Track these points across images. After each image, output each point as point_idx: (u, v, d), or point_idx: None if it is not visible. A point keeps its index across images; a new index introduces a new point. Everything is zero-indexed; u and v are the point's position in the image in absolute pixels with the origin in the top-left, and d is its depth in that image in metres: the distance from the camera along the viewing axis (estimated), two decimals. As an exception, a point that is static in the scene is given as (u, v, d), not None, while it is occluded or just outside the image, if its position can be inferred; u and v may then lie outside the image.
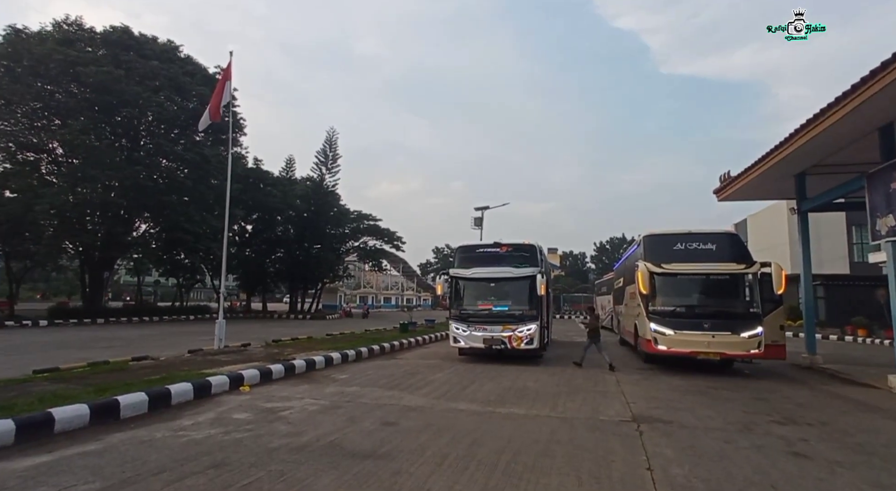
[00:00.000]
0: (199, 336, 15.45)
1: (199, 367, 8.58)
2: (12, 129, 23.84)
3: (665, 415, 6.23)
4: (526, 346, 10.35)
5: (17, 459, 4.17)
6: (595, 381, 8.83)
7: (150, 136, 27.77)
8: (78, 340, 15.05)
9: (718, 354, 9.24)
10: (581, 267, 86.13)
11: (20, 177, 23.56)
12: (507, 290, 10.97)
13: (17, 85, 22.56)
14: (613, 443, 4.94)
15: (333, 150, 37.96)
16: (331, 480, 3.80)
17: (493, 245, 11.55)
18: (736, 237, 10.55)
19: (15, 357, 10.63)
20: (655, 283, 9.98)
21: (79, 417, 5.17)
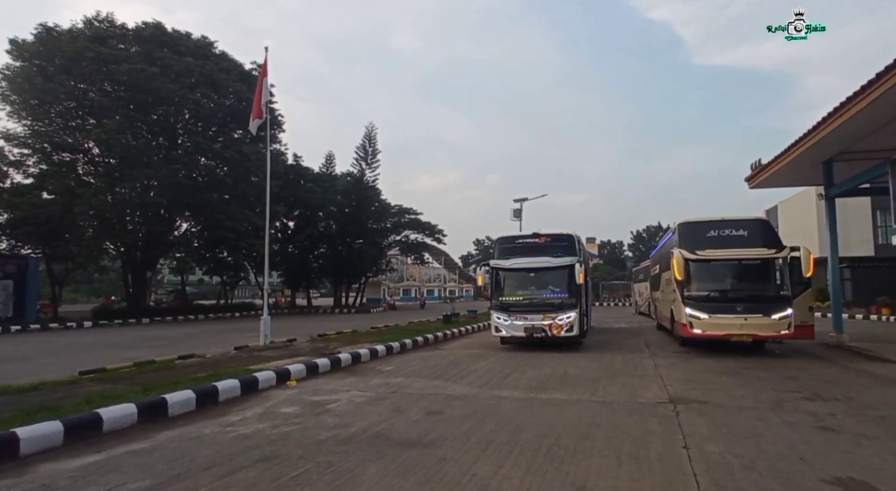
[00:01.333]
0: (244, 333, 16.09)
1: (246, 363, 8.83)
2: (47, 130, 25.38)
3: (700, 396, 6.61)
4: (566, 333, 10.98)
5: (66, 460, 4.32)
6: (634, 365, 9.40)
7: (188, 134, 29.10)
8: (123, 341, 16.03)
9: (751, 336, 10.08)
10: (619, 255, 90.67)
11: (57, 178, 25.08)
12: (546, 279, 11.73)
13: (50, 84, 24.02)
14: (651, 424, 5.22)
15: (373, 145, 39.03)
16: (378, 469, 3.92)
17: (532, 236, 12.23)
18: (766, 223, 11.50)
19: (61, 359, 11.39)
20: (690, 269, 10.89)
21: (127, 417, 5.34)
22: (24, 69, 24.43)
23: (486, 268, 12.69)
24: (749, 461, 4.01)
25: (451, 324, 17.90)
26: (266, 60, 13.12)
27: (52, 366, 9.81)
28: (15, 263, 24.27)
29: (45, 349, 13.91)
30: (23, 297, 23.79)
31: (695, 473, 3.76)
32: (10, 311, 22.96)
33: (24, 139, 25.33)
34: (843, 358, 10.23)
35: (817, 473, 3.73)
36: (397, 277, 70.57)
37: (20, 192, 25.02)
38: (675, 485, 3.55)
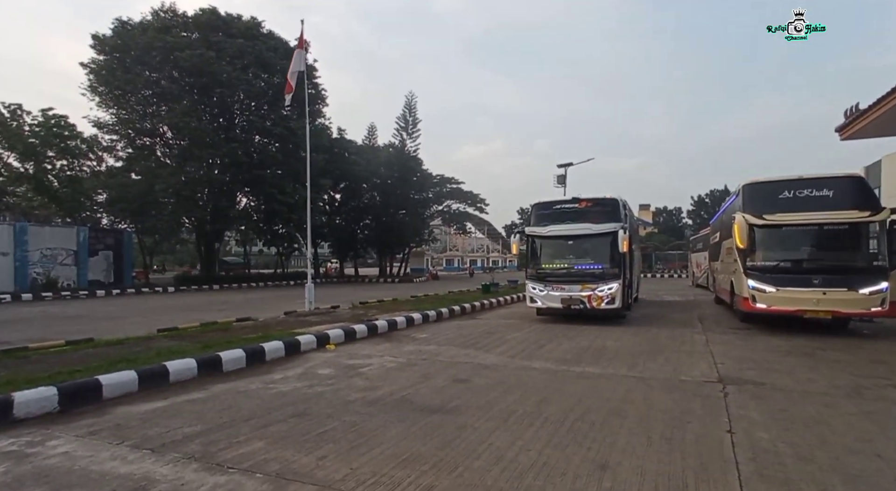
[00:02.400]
0: (295, 299, 16.82)
1: (291, 327, 9.34)
2: (130, 117, 27.09)
3: (757, 377, 5.81)
4: (607, 305, 10.06)
5: (139, 404, 4.86)
6: (682, 340, 8.49)
7: (243, 113, 29.99)
8: (196, 303, 17.25)
9: (830, 313, 8.52)
10: (676, 223, 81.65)
11: (141, 160, 27.01)
12: (586, 247, 10.68)
13: (129, 75, 25.41)
14: (693, 404, 4.73)
15: (413, 115, 38.39)
16: (398, 432, 4.01)
17: (572, 201, 11.06)
18: (860, 180, 9.27)
19: (147, 318, 12.43)
20: (755, 235, 9.32)
21: (189, 370, 5.87)
22: (106, 62, 25.85)
23: (520, 235, 11.68)
24: (807, 452, 3.47)
25: (490, 294, 17.24)
26: (302, 33, 13.18)
27: (138, 324, 10.73)
28: (113, 236, 26.52)
29: (136, 310, 15.22)
30: (121, 265, 26.06)
31: (737, 460, 3.34)
32: (111, 277, 25.30)
33: (113, 126, 27.20)
34: (950, 342, 8.55)
35: (895, 472, 3.14)
36: (440, 247, 70.75)
37: (113, 174, 27.21)
38: (711, 471, 3.18)
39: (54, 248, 22.72)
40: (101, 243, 25.23)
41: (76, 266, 23.50)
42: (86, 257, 23.97)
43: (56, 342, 7.64)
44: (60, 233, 23.68)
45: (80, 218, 28.18)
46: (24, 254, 21.32)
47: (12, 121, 25.53)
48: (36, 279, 21.54)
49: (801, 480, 3.07)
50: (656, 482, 3.06)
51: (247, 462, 3.39)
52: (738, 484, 3.03)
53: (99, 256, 24.87)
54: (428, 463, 3.36)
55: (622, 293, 10.19)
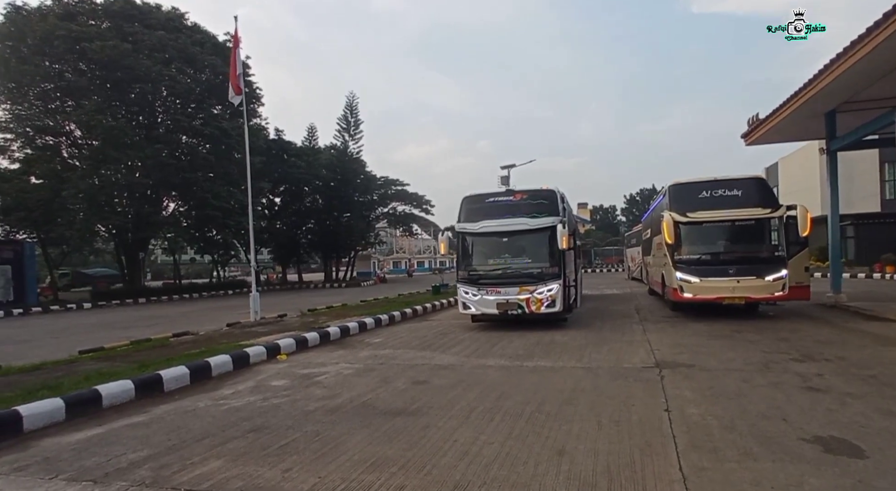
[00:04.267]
0: (237, 310, 16.30)
1: (237, 339, 9.09)
2: (27, 113, 24.79)
3: (688, 359, 6.59)
4: (547, 309, 9.52)
5: (69, 433, 4.59)
6: (623, 331, 9.35)
7: (167, 111, 28.41)
8: (121, 320, 16.21)
9: (743, 299, 9.89)
10: (612, 220, 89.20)
11: (43, 162, 24.76)
12: (522, 244, 10.04)
13: (25, 66, 23.29)
14: (635, 388, 5.29)
15: (355, 116, 38.44)
16: (363, 437, 4.12)
17: (506, 193, 10.49)
18: (762, 182, 10.90)
19: (61, 340, 11.59)
20: (681, 232, 10.51)
21: (125, 392, 5.60)
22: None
23: (447, 233, 10.83)
24: (729, 422, 4.05)
25: (440, 295, 17.71)
26: (237, 31, 12.75)
27: (53, 347, 10.02)
28: (11, 248, 24.17)
29: (47, 331, 14.08)
30: (22, 281, 23.79)
31: (674, 435, 3.82)
32: (10, 295, 23.03)
33: (6, 124, 24.79)
34: (839, 318, 10.09)
35: (798, 433, 3.75)
36: (387, 249, 70.62)
37: (7, 178, 24.72)
38: (654, 446, 3.62)
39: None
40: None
41: (-38, 285, 21.20)
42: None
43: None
44: (-59, 247, 21.22)
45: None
46: None
47: None
48: None
49: (726, 447, 3.59)
50: (608, 461, 3.44)
51: (206, 483, 3.35)
52: (675, 456, 3.48)
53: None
54: (396, 464, 3.50)
55: (563, 294, 9.70)
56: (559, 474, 3.24)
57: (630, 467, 3.32)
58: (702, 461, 3.35)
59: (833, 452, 3.42)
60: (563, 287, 9.72)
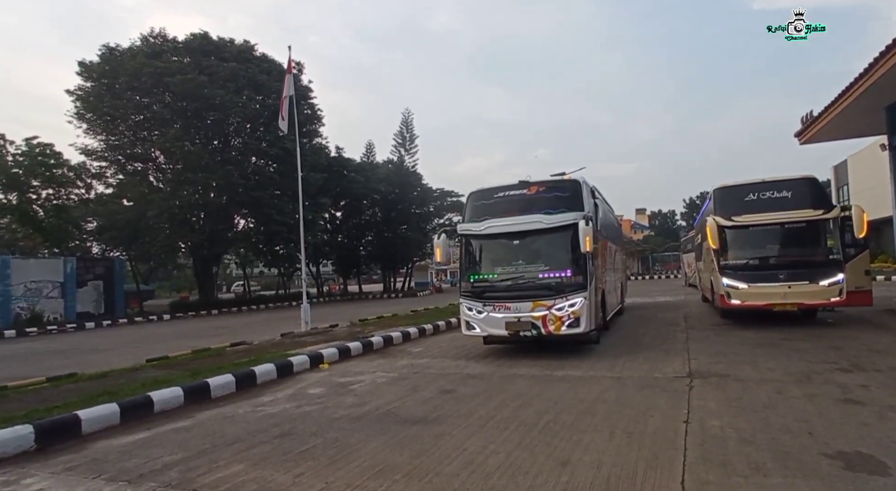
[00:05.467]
0: (295, 320, 17.04)
1: (286, 348, 9.57)
2: (120, 143, 27.79)
3: (724, 369, 6.37)
4: (569, 329, 7.56)
5: (120, 436, 5.02)
6: (664, 340, 9.09)
7: (237, 135, 30.71)
8: (192, 330, 17.56)
9: (796, 305, 9.46)
10: (671, 225, 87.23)
11: (132, 186, 27.62)
12: (537, 247, 8.20)
13: (118, 100, 26.15)
14: (659, 399, 5.16)
15: (410, 131, 39.80)
16: (378, 444, 4.26)
17: (518, 186, 8.50)
18: (813, 182, 10.40)
19: (137, 349, 12.71)
20: (726, 236, 10.23)
21: (175, 398, 6.06)
22: (94, 88, 26.63)
23: (445, 235, 9.42)
24: (749, 435, 3.90)
25: None
26: (290, 59, 13.72)
27: (127, 355, 11.01)
28: (103, 265, 27.01)
29: (127, 341, 15.51)
30: (112, 295, 26.43)
31: (686, 447, 3.71)
32: (101, 308, 25.62)
33: (102, 153, 27.86)
34: (905, 326, 9.27)
35: (820, 447, 3.56)
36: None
37: (103, 201, 27.85)
38: (661, 459, 3.53)
39: (39, 280, 22.87)
40: (90, 273, 25.57)
41: (63, 298, 23.67)
42: (73, 289, 24.21)
43: (36, 379, 7.69)
44: (46, 264, 23.93)
45: (68, 248, 28.69)
46: (7, 288, 21.45)
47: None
48: (20, 314, 21.73)
49: (738, 461, 3.44)
50: (609, 473, 3.35)
51: (224, 485, 3.58)
52: (681, 469, 3.34)
53: (88, 286, 25.17)
54: (401, 472, 3.57)
55: (591, 310, 7.79)
56: (557, 485, 3.20)
57: (630, 480, 3.23)
58: (708, 475, 3.22)
59: (853, 469, 3.20)
60: (591, 300, 7.81)
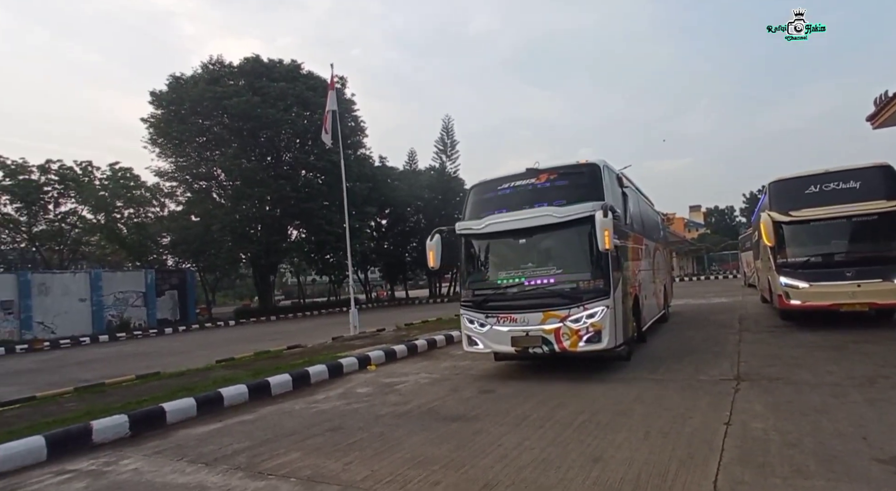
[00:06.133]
0: (345, 325, 17.63)
1: (337, 351, 10.05)
2: (187, 163, 29.92)
3: (776, 372, 6.03)
4: (587, 345, 6.21)
5: (197, 426, 5.62)
6: (714, 342, 8.63)
7: (288, 150, 32.23)
8: (253, 335, 18.58)
9: (867, 305, 8.55)
10: (730, 222, 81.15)
11: (199, 203, 29.60)
12: (546, 247, 6.89)
13: (184, 125, 28.16)
14: (700, 401, 4.99)
15: (451, 137, 40.21)
16: (419, 439, 4.50)
17: (525, 174, 7.11)
18: (888, 170, 9.20)
19: (208, 351, 13.66)
20: (783, 233, 9.48)
21: (241, 395, 6.62)
22: (164, 115, 28.77)
23: (438, 236, 7.88)
24: (795, 439, 3.70)
25: None
26: (332, 76, 14.40)
27: (200, 356, 11.87)
28: (177, 276, 29.18)
29: (199, 344, 16.69)
30: (185, 303, 28.45)
31: (723, 448, 3.60)
32: (177, 315, 27.70)
33: (172, 174, 30.12)
34: None
35: (874, 453, 3.34)
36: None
37: (174, 218, 30.07)
38: (696, 458, 3.46)
39: (126, 291, 25.25)
40: (166, 284, 27.73)
41: (145, 307, 25.93)
42: (154, 298, 26.40)
43: (127, 377, 8.74)
44: (130, 276, 26.29)
45: (148, 261, 31.08)
46: (100, 298, 23.86)
47: (84, 177, 28.78)
48: (111, 321, 23.98)
49: (778, 463, 3.31)
50: (640, 471, 3.38)
51: (283, 470, 3.96)
52: (716, 469, 3.30)
53: (165, 295, 27.33)
54: (439, 463, 3.80)
55: (616, 321, 6.37)
56: (586, 480, 3.30)
57: (661, 477, 3.25)
58: (743, 476, 3.17)
59: (906, 474, 3.02)
60: (617, 309, 6.41)
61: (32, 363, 14.44)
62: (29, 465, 4.56)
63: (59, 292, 22.91)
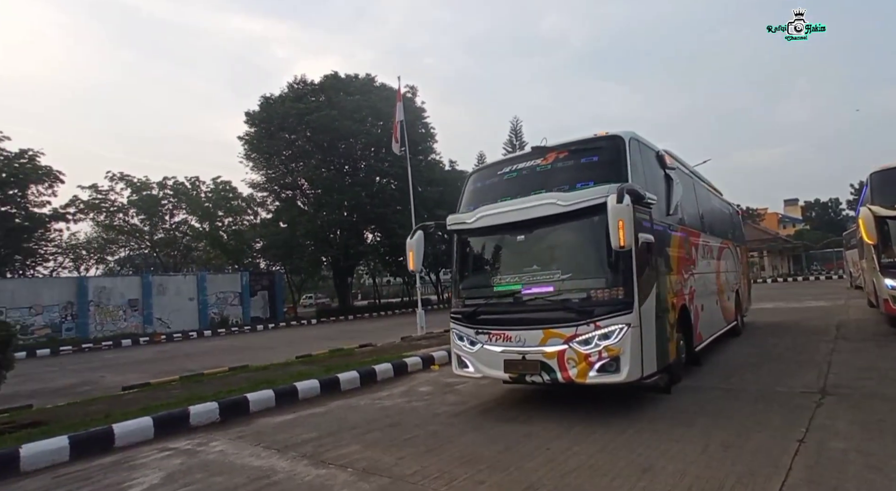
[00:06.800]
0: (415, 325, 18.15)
1: (403, 350, 10.37)
2: (275, 175, 32.37)
3: (871, 387, 5.32)
4: (601, 375, 4.64)
5: (274, 416, 6.08)
6: (802, 350, 7.75)
7: (364, 159, 33.76)
8: (332, 333, 19.63)
9: None
10: (834, 216, 71.29)
11: (286, 211, 31.90)
12: (550, 244, 5.38)
13: (273, 141, 30.50)
14: (773, 414, 4.58)
15: (519, 139, 39.88)
16: (470, 439, 4.60)
17: (531, 154, 5.76)
18: None
19: (292, 347, 14.61)
20: (888, 229, 8.40)
21: (313, 389, 7.06)
22: (256, 133, 31.34)
23: (420, 233, 6.67)
24: (880, 461, 3.31)
25: None
26: (400, 89, 14.95)
27: (284, 352, 12.74)
28: (268, 278, 31.60)
29: (284, 340, 17.95)
30: (274, 303, 30.75)
31: (791, 467, 3.27)
32: (267, 313, 29.98)
33: (263, 185, 32.76)
34: None
35: None
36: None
37: (265, 225, 32.67)
38: (756, 476, 3.18)
39: (225, 291, 27.84)
40: (258, 285, 30.13)
41: (241, 305, 28.38)
42: (248, 297, 28.80)
43: (222, 369, 9.65)
44: (229, 278, 28.95)
45: (243, 264, 33.99)
46: (204, 298, 26.50)
47: (193, 190, 32.21)
48: (213, 318, 26.51)
49: (853, 487, 2.97)
50: (692, 484, 3.18)
51: (342, 460, 4.21)
52: (778, 488, 3.03)
53: (257, 295, 29.69)
54: (486, 463, 3.85)
55: (645, 343, 4.75)
56: (632, 490, 3.17)
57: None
58: None
59: None
60: (646, 327, 4.80)
61: (151, 354, 16.36)
62: (140, 441, 5.24)
63: (173, 292, 25.73)
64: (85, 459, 4.76)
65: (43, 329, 21.13)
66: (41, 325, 21.19)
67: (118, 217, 30.88)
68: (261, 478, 3.95)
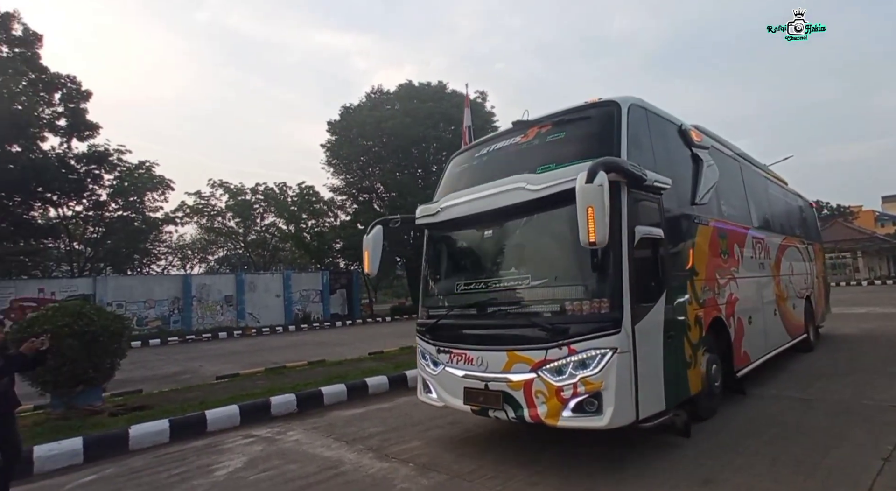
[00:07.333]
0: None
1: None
2: (353, 180, 34.04)
3: None
4: (576, 417, 3.52)
5: (345, 409, 6.45)
6: (894, 360, 7.03)
7: (436, 163, 34.46)
8: (404, 330, 20.12)
9: None
10: None
11: (363, 213, 33.37)
12: (518, 241, 4.39)
13: (351, 147, 32.14)
14: (856, 429, 4.22)
15: None
16: (528, 439, 4.52)
17: (510, 131, 4.90)
18: None
19: (366, 343, 15.32)
20: None
21: (382, 385, 7.39)
22: (337, 140, 33.17)
23: (378, 229, 5.35)
24: None
25: None
26: (467, 95, 15.09)
27: (359, 348, 13.38)
28: (346, 276, 33.23)
29: (360, 337, 18.77)
30: (352, 300, 32.28)
31: (872, 488, 3.03)
32: (345, 310, 31.52)
33: (342, 189, 34.59)
34: None
35: None
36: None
37: (344, 227, 34.44)
38: None
39: (307, 289, 29.64)
40: (337, 283, 31.76)
41: (321, 303, 30.07)
42: (328, 295, 30.45)
43: (302, 363, 10.29)
44: (311, 277, 30.79)
45: (324, 264, 36.02)
46: (290, 295, 28.41)
47: (280, 195, 34.75)
48: (297, 314, 28.33)
49: None
50: None
51: (405, 455, 4.40)
52: None
53: (336, 293, 31.30)
54: (543, 465, 3.85)
55: (643, 374, 3.60)
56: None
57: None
58: None
59: None
60: (644, 352, 3.65)
61: (242, 346, 17.88)
62: (228, 427, 5.79)
63: (262, 289, 27.88)
64: (182, 440, 5.36)
65: (155, 321, 23.85)
66: (153, 317, 23.92)
67: (217, 220, 34.19)
68: (329, 468, 4.22)
